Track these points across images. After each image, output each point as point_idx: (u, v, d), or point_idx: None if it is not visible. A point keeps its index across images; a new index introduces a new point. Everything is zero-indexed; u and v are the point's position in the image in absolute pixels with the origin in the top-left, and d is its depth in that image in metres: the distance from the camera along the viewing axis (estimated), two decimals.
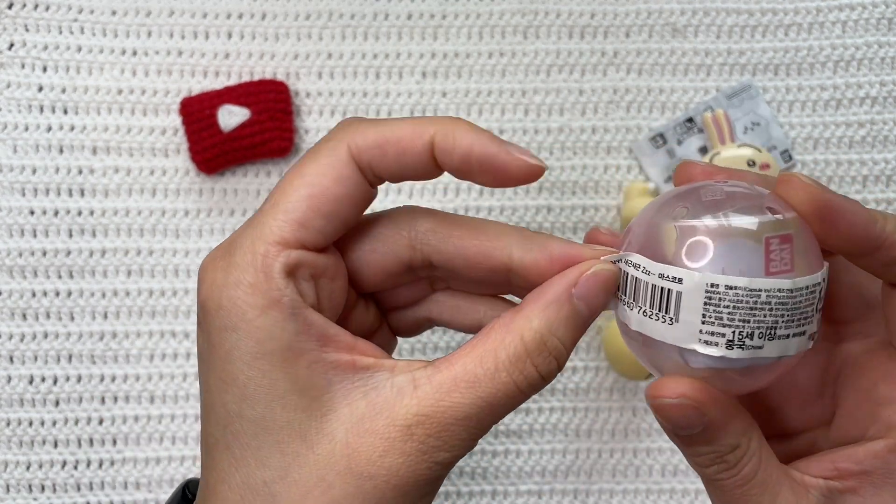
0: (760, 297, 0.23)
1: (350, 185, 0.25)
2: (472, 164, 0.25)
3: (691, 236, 0.24)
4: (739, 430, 0.24)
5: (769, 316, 0.23)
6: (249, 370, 0.24)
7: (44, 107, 0.46)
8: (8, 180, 0.45)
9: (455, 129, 0.25)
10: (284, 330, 0.23)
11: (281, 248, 0.24)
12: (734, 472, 0.24)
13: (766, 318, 0.23)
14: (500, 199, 0.46)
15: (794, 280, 0.23)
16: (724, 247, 0.24)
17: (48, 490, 0.44)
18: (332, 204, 0.24)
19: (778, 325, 0.23)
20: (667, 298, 0.24)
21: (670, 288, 0.23)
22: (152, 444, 0.45)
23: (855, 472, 0.25)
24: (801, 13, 0.46)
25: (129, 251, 0.45)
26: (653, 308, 0.24)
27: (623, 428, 0.45)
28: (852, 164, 0.46)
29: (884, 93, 0.46)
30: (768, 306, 0.23)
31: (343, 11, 0.46)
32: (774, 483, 0.24)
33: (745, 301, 0.23)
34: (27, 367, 0.45)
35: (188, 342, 0.45)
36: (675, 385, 0.24)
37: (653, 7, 0.46)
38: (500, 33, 0.46)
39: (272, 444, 0.23)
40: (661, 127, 0.46)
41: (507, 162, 0.25)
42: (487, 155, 0.24)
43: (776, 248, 0.24)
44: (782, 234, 0.24)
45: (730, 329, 0.23)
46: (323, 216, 0.24)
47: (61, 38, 0.46)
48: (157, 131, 0.46)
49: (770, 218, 0.24)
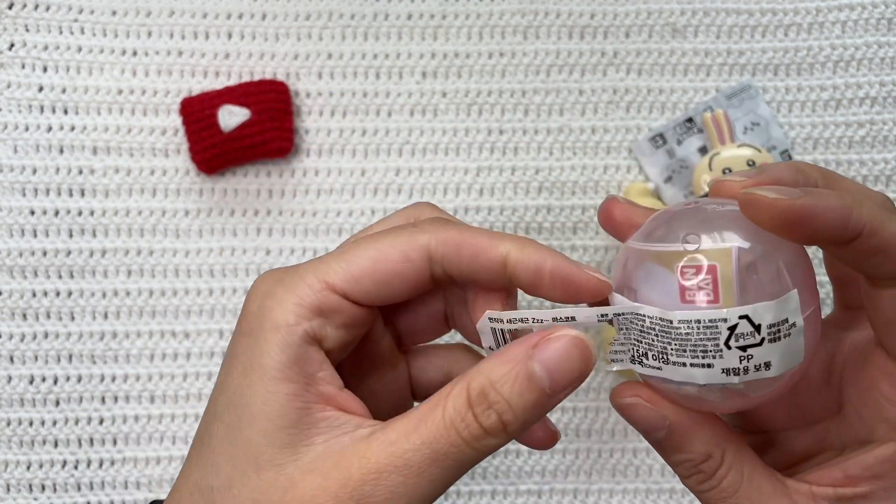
0: (645, 322, 0.24)
1: (413, 269, 0.26)
2: (545, 279, 0.26)
3: (626, 259, 0.26)
4: (709, 438, 0.25)
5: (657, 341, 0.24)
6: (242, 377, 0.25)
7: (44, 107, 0.46)
8: (8, 180, 0.45)
9: (528, 246, 0.26)
10: (285, 353, 0.25)
11: (326, 289, 0.25)
12: (713, 483, 0.25)
13: (654, 342, 0.24)
14: (499, 200, 0.46)
15: (674, 312, 0.24)
16: (642, 273, 0.25)
17: (48, 490, 0.44)
18: (389, 276, 0.26)
19: (668, 351, 0.24)
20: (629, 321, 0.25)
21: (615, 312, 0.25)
22: (152, 444, 0.45)
23: (866, 477, 0.25)
24: (801, 13, 0.46)
25: (129, 251, 0.45)
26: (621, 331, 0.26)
27: (623, 428, 0.45)
28: (852, 165, 0.46)
29: (883, 93, 0.46)
30: (653, 332, 0.24)
31: (343, 12, 0.46)
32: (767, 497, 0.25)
33: (635, 323, 0.25)
34: (27, 367, 0.45)
35: (188, 342, 0.45)
36: (630, 387, 0.25)
37: (652, 7, 0.46)
38: (499, 33, 0.46)
39: (230, 454, 0.24)
40: (660, 127, 0.46)
41: (584, 280, 0.26)
42: (564, 272, 0.26)
43: (691, 278, 0.24)
44: (695, 265, 0.24)
45: (629, 346, 0.25)
46: (376, 282, 0.26)
47: (61, 38, 0.46)
48: (158, 131, 0.46)
49: (677, 247, 0.25)
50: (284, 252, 0.45)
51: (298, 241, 0.45)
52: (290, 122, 0.45)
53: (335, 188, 0.46)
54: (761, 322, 0.24)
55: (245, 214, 0.45)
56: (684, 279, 0.24)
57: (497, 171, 0.46)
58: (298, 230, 0.45)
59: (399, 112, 0.46)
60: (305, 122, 0.46)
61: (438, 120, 0.46)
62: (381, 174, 0.46)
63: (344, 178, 0.46)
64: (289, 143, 0.45)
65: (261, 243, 0.45)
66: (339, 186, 0.46)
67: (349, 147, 0.46)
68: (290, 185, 0.45)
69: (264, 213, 0.45)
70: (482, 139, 0.46)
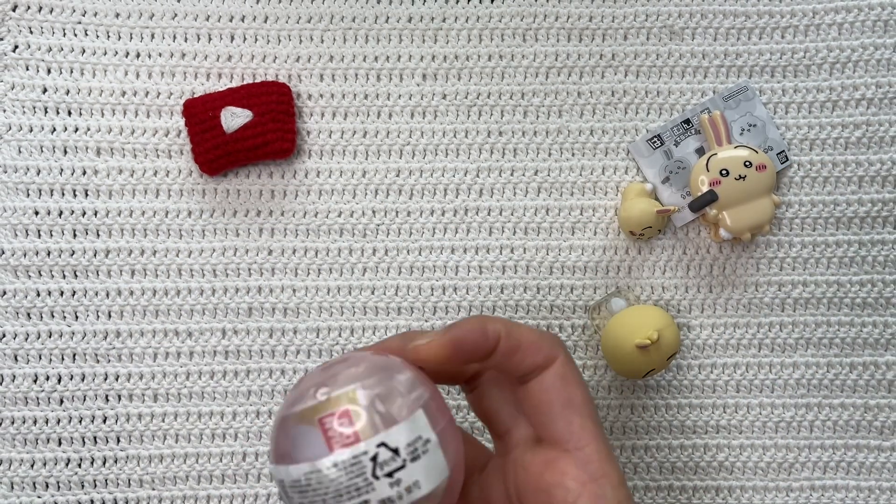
0: (301, 482, 0.26)
1: None
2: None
3: (277, 429, 0.27)
4: None
5: (316, 497, 0.26)
6: None
7: (48, 108, 0.46)
8: (13, 181, 0.45)
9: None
10: None
11: None
12: None
13: (314, 499, 0.26)
14: (499, 200, 0.46)
15: (321, 461, 0.25)
16: (289, 438, 0.26)
17: (52, 487, 0.45)
18: None
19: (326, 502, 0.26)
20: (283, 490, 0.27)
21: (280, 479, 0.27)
22: (155, 442, 0.45)
23: None
24: (798, 15, 0.47)
25: (132, 251, 0.45)
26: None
27: (621, 425, 0.46)
28: (848, 165, 0.46)
29: (879, 94, 0.46)
30: (312, 491, 0.26)
31: (344, 14, 0.47)
32: None
33: (296, 487, 0.26)
34: (31, 366, 0.45)
35: (191, 341, 0.45)
36: None
37: (650, 10, 0.47)
38: (499, 36, 0.47)
39: None
40: (658, 128, 0.46)
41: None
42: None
43: (331, 425, 0.26)
44: (329, 412, 0.26)
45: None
46: None
47: (65, 40, 0.46)
48: (161, 133, 0.46)
49: (311, 401, 0.26)
50: (286, 252, 0.46)
51: (300, 242, 0.46)
52: (292, 124, 0.45)
53: (336, 189, 0.46)
54: (398, 445, 0.26)
55: (247, 215, 0.46)
56: (325, 427, 0.26)
57: (496, 172, 0.46)
58: (300, 230, 0.46)
59: (400, 114, 0.46)
60: (307, 123, 0.46)
61: (438, 121, 0.46)
62: (382, 175, 0.46)
63: (345, 179, 0.46)
64: (291, 145, 0.45)
65: (263, 243, 0.46)
66: (341, 187, 0.46)
67: (350, 148, 0.46)
68: (292, 186, 0.46)
69: (266, 214, 0.46)
70: (482, 140, 0.46)
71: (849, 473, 0.46)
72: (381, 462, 0.26)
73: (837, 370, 0.46)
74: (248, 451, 0.45)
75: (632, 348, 0.41)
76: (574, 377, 0.31)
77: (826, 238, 0.46)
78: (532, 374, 0.31)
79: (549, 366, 0.31)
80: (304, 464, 0.26)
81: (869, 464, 0.46)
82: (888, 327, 0.46)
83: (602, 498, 0.29)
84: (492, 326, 0.30)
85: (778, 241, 0.46)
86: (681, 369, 0.46)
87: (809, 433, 0.46)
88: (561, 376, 0.31)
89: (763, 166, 0.44)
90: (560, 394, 0.30)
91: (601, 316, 0.45)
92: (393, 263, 0.46)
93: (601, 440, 0.30)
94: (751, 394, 0.46)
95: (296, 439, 0.26)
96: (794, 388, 0.46)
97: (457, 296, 0.46)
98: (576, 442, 0.30)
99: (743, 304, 0.46)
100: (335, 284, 0.46)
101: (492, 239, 0.46)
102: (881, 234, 0.46)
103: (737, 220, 0.44)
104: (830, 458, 0.46)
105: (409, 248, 0.46)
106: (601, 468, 0.30)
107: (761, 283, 0.46)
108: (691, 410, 0.46)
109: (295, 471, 0.26)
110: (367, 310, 0.46)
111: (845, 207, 0.46)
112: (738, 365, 0.46)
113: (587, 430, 0.30)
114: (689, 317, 0.46)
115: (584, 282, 0.46)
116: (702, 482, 0.45)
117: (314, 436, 0.26)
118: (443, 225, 0.46)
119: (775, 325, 0.46)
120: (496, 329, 0.30)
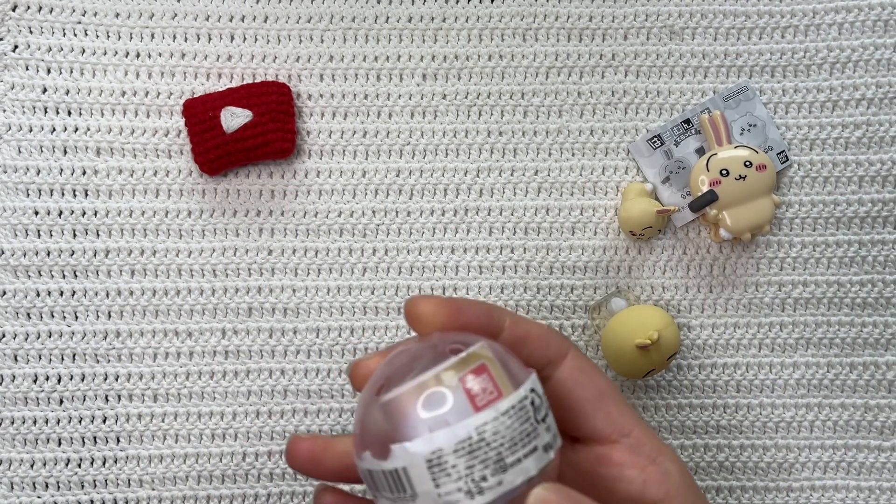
0: (472, 439, 0.24)
1: None
2: None
3: (394, 412, 0.25)
4: None
5: (490, 451, 0.24)
6: None
7: (48, 108, 0.46)
8: (12, 181, 0.45)
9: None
10: None
11: None
12: None
13: (488, 454, 0.24)
14: (499, 200, 0.46)
15: (496, 406, 0.24)
16: (424, 408, 0.24)
17: (52, 488, 0.45)
18: None
19: (503, 455, 0.24)
20: (399, 480, 0.24)
21: (396, 467, 0.24)
22: (155, 442, 0.45)
23: None
24: (798, 15, 0.47)
25: (132, 251, 0.45)
26: (393, 492, 0.24)
27: None
28: (848, 166, 0.46)
29: (880, 94, 0.46)
30: (484, 443, 0.24)
31: (344, 14, 0.47)
32: None
33: (460, 450, 0.24)
34: (31, 366, 0.45)
35: (191, 341, 0.45)
36: None
37: (650, 10, 0.47)
38: (499, 36, 0.47)
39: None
40: (658, 128, 0.46)
41: None
42: None
43: (473, 382, 0.25)
44: (472, 367, 0.25)
45: (462, 481, 0.24)
46: None
47: (65, 40, 0.46)
48: (161, 133, 0.46)
49: (453, 359, 0.25)
50: (286, 252, 0.46)
51: (300, 242, 0.46)
52: (292, 124, 0.45)
53: (336, 189, 0.46)
54: (539, 392, 0.25)
55: (247, 215, 0.46)
56: (467, 385, 0.24)
57: (496, 172, 0.46)
58: (300, 230, 0.46)
59: (399, 114, 0.46)
60: (307, 123, 0.46)
61: (438, 121, 0.46)
62: (382, 175, 0.46)
63: (345, 179, 0.46)
64: (290, 145, 0.45)
65: (262, 243, 0.46)
66: (341, 187, 0.46)
67: (350, 148, 0.46)
68: (292, 186, 0.46)
69: (266, 214, 0.46)
70: (482, 140, 0.46)
71: (849, 473, 0.46)
72: (536, 407, 0.25)
73: (837, 370, 0.46)
74: (248, 451, 0.45)
75: (632, 348, 0.41)
76: (592, 366, 0.30)
77: (826, 238, 0.46)
78: (545, 369, 0.29)
79: (560, 360, 0.29)
80: (478, 414, 0.24)
81: (869, 464, 0.46)
82: (888, 327, 0.46)
83: (667, 475, 0.28)
84: (497, 311, 0.29)
85: (778, 241, 0.46)
86: (681, 369, 0.46)
87: (809, 433, 0.46)
88: (580, 369, 0.29)
89: (763, 166, 0.44)
90: (588, 387, 0.29)
91: (601, 316, 0.45)
92: (393, 263, 0.46)
93: (641, 420, 0.29)
94: (751, 394, 0.46)
95: (433, 405, 0.24)
96: (794, 388, 0.46)
97: (456, 296, 0.46)
98: (620, 430, 0.29)
99: (743, 304, 0.46)
100: (335, 284, 0.46)
101: (492, 239, 0.46)
102: (881, 234, 0.46)
103: (737, 220, 0.44)
104: (830, 458, 0.46)
105: (409, 248, 0.46)
106: (654, 447, 0.29)
107: (761, 283, 0.46)
108: (691, 410, 0.46)
109: (461, 429, 0.24)
110: (367, 310, 0.46)
111: (845, 207, 0.46)
112: (738, 365, 0.46)
113: (626, 414, 0.29)
114: (689, 317, 0.46)
115: (584, 282, 0.46)
116: (702, 482, 0.45)
117: (450, 400, 0.24)
118: (443, 225, 0.46)
119: (775, 325, 0.46)
120: (501, 315, 0.29)
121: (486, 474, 0.24)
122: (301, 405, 0.45)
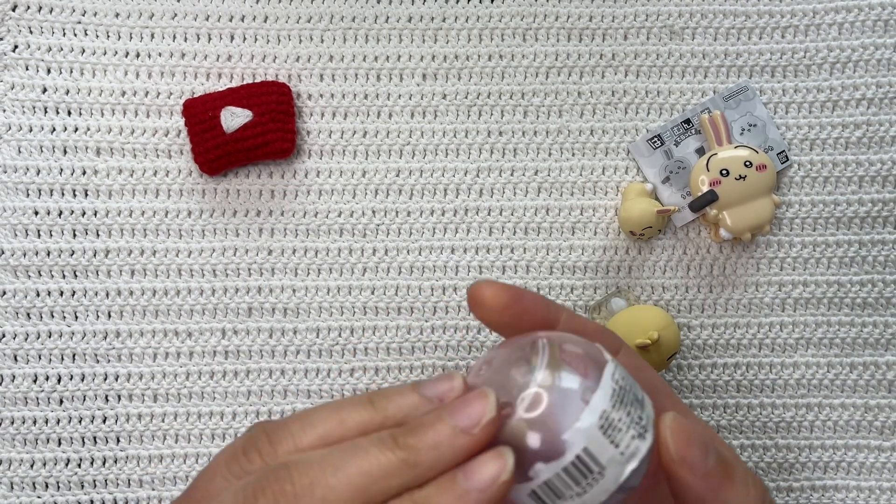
0: (616, 387, 0.25)
1: None
2: None
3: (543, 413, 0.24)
4: None
5: (628, 393, 0.25)
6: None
7: (48, 108, 0.46)
8: (12, 181, 0.45)
9: None
10: None
11: None
12: None
13: (627, 396, 0.25)
14: (499, 200, 0.46)
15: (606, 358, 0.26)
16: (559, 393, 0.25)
17: (52, 488, 0.45)
18: None
19: (636, 392, 0.26)
20: (583, 463, 0.24)
21: (576, 454, 0.24)
22: (155, 442, 0.45)
23: None
24: (798, 15, 0.47)
25: (132, 251, 0.45)
26: (578, 484, 0.24)
27: None
28: (848, 165, 0.46)
29: (880, 94, 0.46)
30: (621, 388, 0.25)
31: (344, 14, 0.47)
32: None
33: (615, 403, 0.25)
34: (31, 366, 0.45)
35: (190, 341, 0.45)
36: None
37: (651, 10, 0.47)
38: (499, 36, 0.47)
39: None
40: (658, 128, 0.46)
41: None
42: None
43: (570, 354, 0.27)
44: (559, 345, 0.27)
45: (631, 429, 0.25)
46: None
47: (65, 40, 0.46)
48: (160, 133, 0.46)
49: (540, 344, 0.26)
50: (286, 252, 0.46)
51: (300, 242, 0.46)
52: (292, 124, 0.45)
53: (336, 189, 0.46)
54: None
55: (247, 215, 0.46)
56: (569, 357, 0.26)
57: (497, 172, 0.46)
58: (300, 230, 0.46)
59: (399, 114, 0.46)
60: (307, 123, 0.46)
61: (438, 121, 0.46)
62: (382, 175, 0.46)
63: (345, 179, 0.46)
64: (290, 145, 0.45)
65: (262, 243, 0.46)
66: (340, 187, 0.46)
67: (350, 148, 0.46)
68: (292, 186, 0.46)
69: (266, 214, 0.46)
70: (482, 140, 0.46)
71: (849, 473, 0.46)
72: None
73: (837, 370, 0.46)
74: None
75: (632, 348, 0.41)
76: (644, 363, 0.31)
77: (826, 238, 0.46)
78: None
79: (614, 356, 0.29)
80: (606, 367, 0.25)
81: (869, 464, 0.46)
82: (888, 327, 0.46)
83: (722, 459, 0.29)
84: (553, 304, 0.30)
85: (778, 241, 0.46)
86: (681, 369, 0.46)
87: (809, 433, 0.46)
88: (633, 365, 0.30)
89: (763, 166, 0.44)
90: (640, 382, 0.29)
91: (601, 316, 0.45)
92: (393, 263, 0.46)
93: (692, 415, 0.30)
94: (751, 394, 0.46)
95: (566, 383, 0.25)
96: (794, 388, 0.46)
97: (457, 296, 0.46)
98: None
99: (743, 304, 0.46)
100: (335, 284, 0.46)
101: (492, 239, 0.46)
102: (881, 234, 0.46)
103: (737, 220, 0.44)
104: (830, 458, 0.46)
105: (409, 248, 0.46)
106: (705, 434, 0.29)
107: (761, 283, 0.46)
108: (691, 410, 0.46)
109: (605, 384, 0.25)
110: (367, 310, 0.46)
111: (845, 207, 0.46)
112: (738, 365, 0.46)
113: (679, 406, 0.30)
114: (689, 317, 0.46)
115: (584, 282, 0.46)
116: None
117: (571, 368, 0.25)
118: (443, 225, 0.46)
119: (775, 325, 0.46)
120: (558, 308, 0.30)
121: (639, 413, 0.25)
122: (301, 405, 0.45)
